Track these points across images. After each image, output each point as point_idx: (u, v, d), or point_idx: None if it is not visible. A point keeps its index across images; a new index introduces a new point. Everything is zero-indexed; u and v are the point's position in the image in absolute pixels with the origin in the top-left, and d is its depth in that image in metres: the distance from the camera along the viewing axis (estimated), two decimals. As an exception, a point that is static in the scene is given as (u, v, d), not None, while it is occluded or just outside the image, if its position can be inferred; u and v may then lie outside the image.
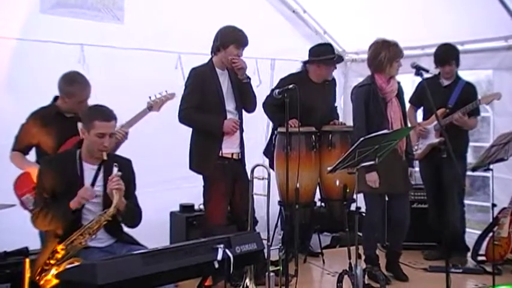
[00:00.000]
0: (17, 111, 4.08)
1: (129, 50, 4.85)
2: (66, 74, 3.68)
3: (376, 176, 4.02)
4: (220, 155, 4.06)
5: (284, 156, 4.07)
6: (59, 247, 3.09)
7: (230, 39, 4.05)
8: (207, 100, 4.04)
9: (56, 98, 3.73)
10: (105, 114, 3.20)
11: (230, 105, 4.11)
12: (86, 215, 3.18)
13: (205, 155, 4.09)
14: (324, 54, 4.77)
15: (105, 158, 3.18)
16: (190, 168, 4.17)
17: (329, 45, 5.06)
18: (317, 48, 4.88)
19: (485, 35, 5.08)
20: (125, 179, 3.19)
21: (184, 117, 4.05)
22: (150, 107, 3.87)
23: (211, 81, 4.07)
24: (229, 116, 4.07)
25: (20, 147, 3.69)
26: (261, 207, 3.97)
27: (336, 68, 4.92)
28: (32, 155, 3.76)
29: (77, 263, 2.82)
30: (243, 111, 4.24)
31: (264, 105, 4.75)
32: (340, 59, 4.97)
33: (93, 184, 3.19)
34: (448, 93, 4.69)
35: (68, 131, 3.57)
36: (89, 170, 3.21)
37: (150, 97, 3.88)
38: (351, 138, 4.40)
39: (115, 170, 3.14)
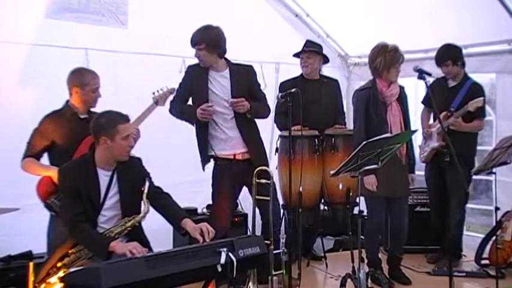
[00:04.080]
0: (23, 116, 4.11)
1: (133, 54, 4.88)
2: (73, 69, 3.77)
3: (374, 179, 4.02)
4: (213, 155, 4.12)
5: (287, 160, 4.08)
6: (71, 250, 3.10)
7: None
8: (195, 97, 4.12)
9: (67, 102, 3.75)
10: (124, 116, 3.23)
11: (220, 105, 4.09)
12: (102, 223, 3.19)
13: (201, 156, 4.19)
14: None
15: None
16: None
17: (310, 41, 5.09)
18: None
19: (488, 38, 5.08)
20: (139, 178, 3.22)
21: (170, 108, 4.18)
22: (157, 102, 3.99)
23: (198, 79, 4.11)
24: (219, 115, 4.07)
25: (33, 152, 3.62)
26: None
27: (321, 61, 4.94)
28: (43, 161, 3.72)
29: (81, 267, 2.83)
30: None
31: (276, 117, 4.78)
32: (311, 48, 4.91)
33: (107, 190, 3.20)
34: (453, 95, 4.66)
35: (83, 132, 3.59)
36: (103, 177, 3.22)
37: (153, 92, 3.99)
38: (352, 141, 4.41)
39: (147, 183, 3.17)
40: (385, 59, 4.12)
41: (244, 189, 4.29)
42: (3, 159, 4.05)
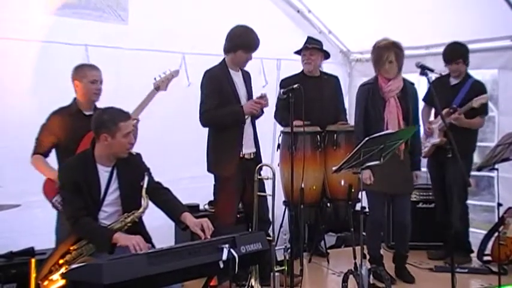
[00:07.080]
0: (23, 112, 4.10)
1: (133, 51, 4.85)
2: (76, 65, 3.82)
3: (369, 173, 3.99)
4: (242, 155, 4.07)
5: (289, 156, 4.07)
6: (72, 247, 3.09)
7: (239, 43, 4.04)
8: (225, 101, 4.05)
9: (75, 99, 3.77)
10: (125, 113, 3.22)
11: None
12: (103, 219, 3.18)
13: (226, 156, 4.07)
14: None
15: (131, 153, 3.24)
16: (209, 170, 4.17)
17: (312, 38, 5.05)
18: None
19: (490, 34, 5.07)
20: (139, 174, 3.19)
21: (205, 119, 4.07)
22: (158, 87, 3.88)
23: (226, 82, 4.09)
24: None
25: (42, 148, 3.65)
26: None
27: (322, 58, 4.92)
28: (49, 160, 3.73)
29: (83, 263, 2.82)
30: None
31: (276, 114, 4.75)
32: (314, 45, 4.89)
33: (107, 186, 3.19)
34: (455, 93, 4.68)
35: (87, 129, 3.59)
36: (103, 173, 3.21)
37: (155, 78, 3.89)
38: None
39: (146, 178, 3.14)
40: (373, 56, 4.16)
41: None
42: (4, 156, 4.04)
